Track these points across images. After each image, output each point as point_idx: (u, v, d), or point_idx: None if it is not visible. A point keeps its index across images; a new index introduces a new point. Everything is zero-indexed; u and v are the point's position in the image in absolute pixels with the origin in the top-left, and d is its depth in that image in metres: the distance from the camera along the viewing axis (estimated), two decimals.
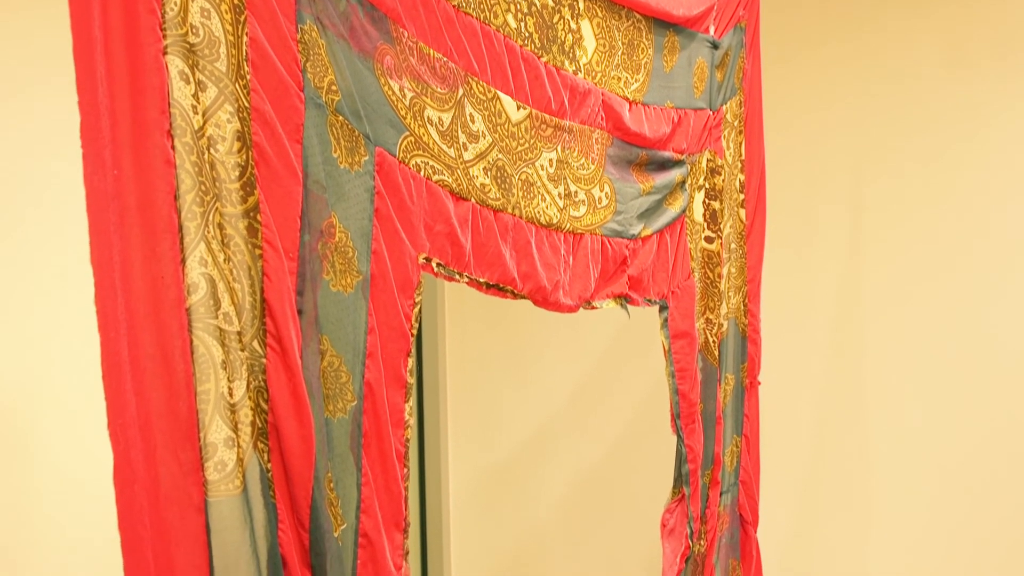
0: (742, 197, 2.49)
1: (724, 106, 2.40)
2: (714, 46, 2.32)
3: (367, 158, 1.36)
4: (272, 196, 1.19)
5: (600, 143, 1.94)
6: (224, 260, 1.13)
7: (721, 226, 2.37)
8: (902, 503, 2.99)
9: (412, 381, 1.44)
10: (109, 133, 1.03)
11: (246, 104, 1.16)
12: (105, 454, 1.03)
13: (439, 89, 1.50)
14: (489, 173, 1.62)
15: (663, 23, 2.12)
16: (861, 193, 3.05)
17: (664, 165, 2.15)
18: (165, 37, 1.08)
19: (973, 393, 2.91)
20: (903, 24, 2.99)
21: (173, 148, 1.08)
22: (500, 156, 1.65)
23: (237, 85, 1.15)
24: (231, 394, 1.13)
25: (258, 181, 1.17)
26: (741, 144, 2.49)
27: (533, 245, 1.74)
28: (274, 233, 1.19)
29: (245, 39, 1.16)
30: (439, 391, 3.50)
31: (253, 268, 1.17)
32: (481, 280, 1.63)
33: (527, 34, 1.71)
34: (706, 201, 2.33)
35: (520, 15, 1.69)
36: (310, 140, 1.25)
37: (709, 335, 2.33)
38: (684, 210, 2.23)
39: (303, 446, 1.21)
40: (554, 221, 1.80)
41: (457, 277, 1.58)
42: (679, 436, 2.22)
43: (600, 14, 1.93)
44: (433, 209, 1.49)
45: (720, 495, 2.38)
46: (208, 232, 1.12)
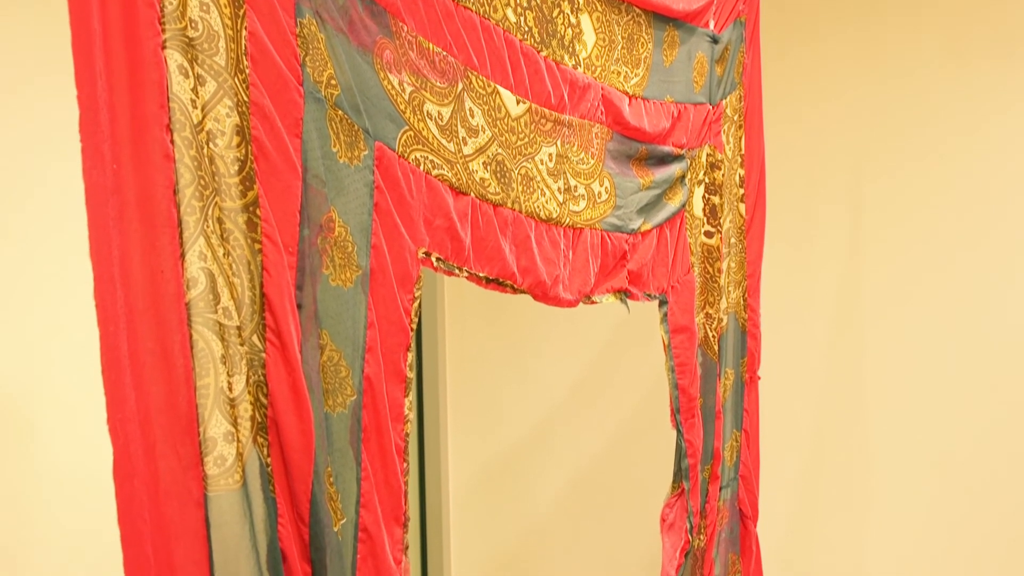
0: (742, 192, 2.49)
1: (724, 101, 2.39)
2: (714, 40, 2.31)
3: (366, 152, 1.35)
4: (271, 190, 1.18)
5: (600, 138, 1.93)
6: (223, 255, 1.13)
7: (721, 221, 2.37)
8: (902, 497, 2.99)
9: (412, 376, 1.44)
10: (108, 127, 1.03)
11: (245, 98, 1.16)
12: (105, 449, 1.03)
13: (438, 83, 1.50)
14: (489, 167, 1.62)
15: (663, 17, 2.12)
16: (861, 188, 3.05)
17: (664, 160, 2.14)
18: (164, 31, 1.07)
19: (972, 387, 2.91)
20: (904, 19, 2.99)
21: (172, 142, 1.08)
22: (500, 151, 1.65)
23: (236, 79, 1.15)
24: (231, 389, 1.13)
25: (257, 175, 1.17)
26: (741, 139, 2.49)
27: (533, 240, 1.74)
28: (273, 228, 1.18)
29: (244, 33, 1.16)
30: (439, 386, 3.50)
31: (252, 263, 1.16)
32: (481, 275, 1.63)
33: (527, 28, 1.71)
34: (706, 196, 2.33)
35: (520, 9, 1.69)
36: (309, 134, 1.25)
37: (709, 330, 2.33)
38: (684, 205, 2.23)
39: (303, 441, 1.21)
40: (554, 216, 1.80)
41: (457, 272, 1.58)
42: (679, 431, 2.23)
43: (600, 8, 1.93)
44: (433, 204, 1.49)
45: (720, 490, 2.39)
46: (207, 226, 1.11)
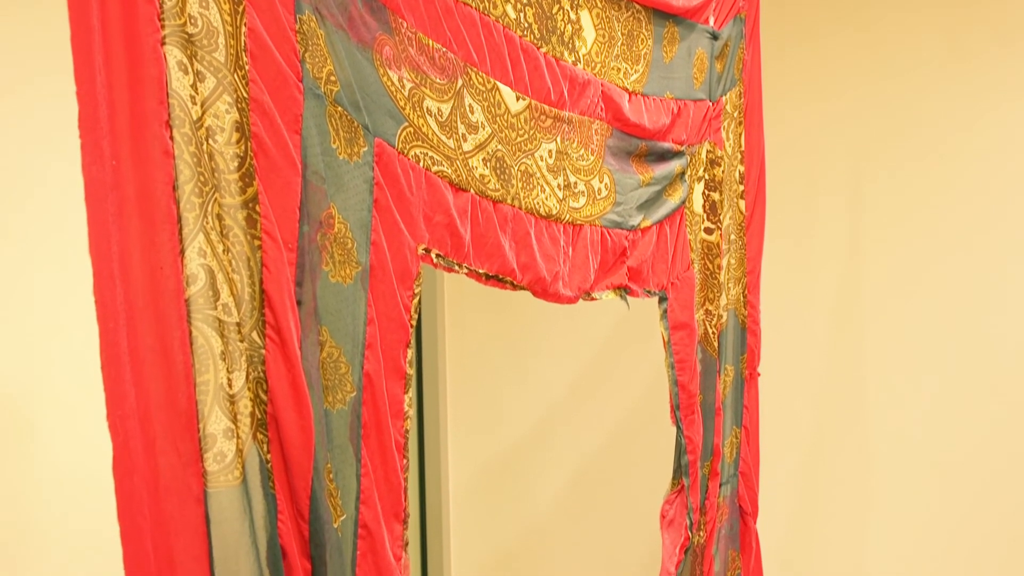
0: (742, 188, 2.49)
1: (724, 97, 2.39)
2: (714, 37, 2.31)
3: (366, 149, 1.35)
4: (271, 187, 1.18)
5: (599, 134, 1.93)
6: (223, 251, 1.13)
7: (721, 217, 2.37)
8: (901, 494, 3.00)
9: (411, 372, 1.44)
10: (107, 123, 1.03)
11: (245, 95, 1.16)
12: (105, 448, 1.03)
13: (438, 80, 1.50)
14: (488, 164, 1.62)
15: (663, 13, 2.12)
16: (861, 185, 3.05)
17: (664, 156, 2.14)
18: (163, 27, 1.07)
19: (973, 383, 2.91)
20: (904, 17, 2.99)
21: (172, 139, 1.08)
22: (499, 147, 1.65)
23: (236, 75, 1.15)
24: (230, 385, 1.13)
25: (257, 172, 1.17)
26: (741, 135, 2.49)
27: (532, 236, 1.74)
28: (273, 224, 1.18)
29: (244, 29, 1.16)
30: (438, 382, 3.50)
31: (252, 259, 1.16)
32: (480, 271, 1.63)
33: (526, 24, 1.71)
34: (706, 192, 2.33)
35: (519, 5, 1.69)
36: (309, 131, 1.25)
37: (708, 326, 2.33)
38: (684, 201, 2.23)
39: (302, 437, 1.21)
40: (553, 212, 1.80)
41: (456, 268, 1.58)
42: (678, 427, 2.23)
43: (599, 4, 1.92)
44: (432, 200, 1.48)
45: (719, 486, 2.39)
46: (207, 223, 1.11)
